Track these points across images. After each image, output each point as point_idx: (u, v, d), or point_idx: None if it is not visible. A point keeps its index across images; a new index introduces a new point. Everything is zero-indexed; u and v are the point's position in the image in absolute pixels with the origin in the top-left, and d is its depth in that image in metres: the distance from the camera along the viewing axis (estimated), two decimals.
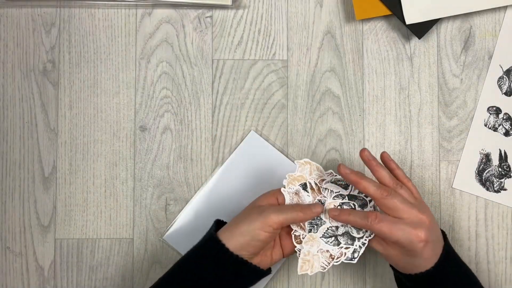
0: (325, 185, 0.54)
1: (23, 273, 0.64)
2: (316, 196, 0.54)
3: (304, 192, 0.54)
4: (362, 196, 0.54)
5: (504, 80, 0.66)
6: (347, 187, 0.54)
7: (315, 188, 0.54)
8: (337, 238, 0.53)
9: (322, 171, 0.55)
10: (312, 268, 0.52)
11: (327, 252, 0.53)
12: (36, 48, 0.65)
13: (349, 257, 0.52)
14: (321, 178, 0.55)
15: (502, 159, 0.65)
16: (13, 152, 0.64)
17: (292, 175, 0.55)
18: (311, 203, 0.54)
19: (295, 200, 0.54)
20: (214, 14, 0.66)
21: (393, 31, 0.66)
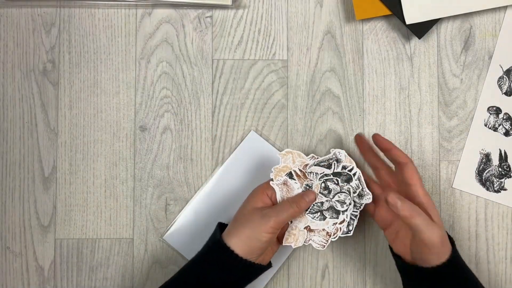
0: (310, 169, 0.56)
1: (23, 273, 0.64)
2: (303, 182, 0.56)
3: (292, 181, 0.56)
4: (346, 172, 0.56)
5: (504, 80, 0.66)
6: (330, 166, 0.56)
7: (300, 174, 0.57)
8: (322, 213, 0.56)
9: (303, 156, 0.57)
10: (296, 241, 0.56)
11: (323, 231, 0.56)
12: (36, 48, 0.65)
13: (344, 231, 0.56)
14: (304, 164, 0.57)
15: (502, 159, 0.65)
16: (13, 152, 0.64)
17: (277, 168, 0.57)
18: (302, 190, 0.56)
19: (284, 190, 0.56)
20: (214, 14, 0.66)
21: (393, 31, 0.66)
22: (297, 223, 0.56)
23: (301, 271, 0.64)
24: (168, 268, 0.64)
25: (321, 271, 0.64)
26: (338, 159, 0.56)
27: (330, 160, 0.56)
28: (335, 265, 0.64)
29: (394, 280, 0.64)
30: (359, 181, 0.56)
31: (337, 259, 0.64)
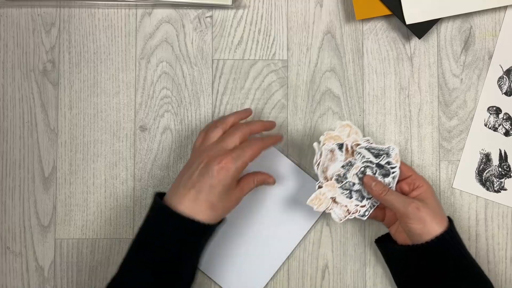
0: (359, 150, 0.58)
1: (23, 273, 0.64)
2: (348, 158, 0.58)
3: (339, 152, 0.58)
4: (389, 167, 0.58)
5: (504, 80, 0.66)
6: (378, 156, 0.58)
7: (349, 150, 0.58)
8: (351, 193, 0.59)
9: (360, 136, 0.59)
10: (319, 206, 0.59)
11: (345, 206, 0.59)
12: (36, 48, 0.65)
13: (361, 214, 0.59)
14: (357, 143, 0.58)
15: (502, 159, 0.65)
16: (13, 152, 0.64)
17: (330, 133, 0.58)
18: (342, 165, 0.58)
19: (329, 157, 0.58)
20: (214, 14, 0.66)
21: (393, 31, 0.66)
22: (326, 190, 0.58)
23: (301, 271, 0.64)
24: None
25: (321, 271, 0.64)
26: (388, 153, 0.58)
27: (381, 151, 0.58)
28: (335, 265, 0.64)
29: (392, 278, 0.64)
30: (393, 180, 0.58)
31: (337, 259, 0.64)
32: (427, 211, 0.54)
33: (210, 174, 0.52)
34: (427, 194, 0.57)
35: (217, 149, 0.54)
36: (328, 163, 0.58)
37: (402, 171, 0.58)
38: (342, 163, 0.58)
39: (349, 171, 0.58)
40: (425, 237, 0.54)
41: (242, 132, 0.55)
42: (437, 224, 0.54)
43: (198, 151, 0.56)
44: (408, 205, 0.54)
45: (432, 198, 0.57)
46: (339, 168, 0.58)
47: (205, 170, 0.52)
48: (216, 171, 0.51)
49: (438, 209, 0.56)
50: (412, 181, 0.58)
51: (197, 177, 0.52)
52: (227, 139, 0.55)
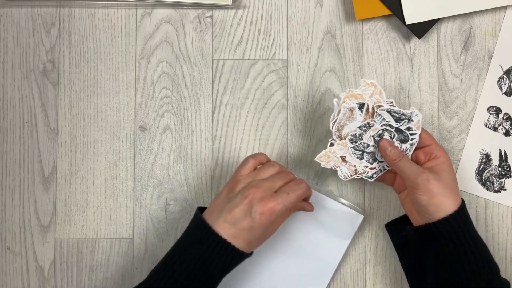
0: (380, 112, 0.56)
1: (23, 273, 0.64)
2: (367, 119, 0.56)
3: (358, 111, 0.56)
4: (408, 133, 0.56)
5: (504, 80, 0.66)
6: (399, 120, 0.56)
7: (370, 111, 0.56)
8: (363, 154, 0.58)
9: (383, 97, 0.56)
10: (327, 163, 0.58)
11: (353, 166, 0.58)
12: (36, 48, 0.65)
13: (368, 175, 0.58)
14: (379, 104, 0.56)
15: (502, 159, 0.65)
16: (13, 152, 0.64)
17: (352, 91, 0.56)
18: (361, 125, 0.57)
19: (347, 116, 0.56)
20: (214, 14, 0.66)
21: (393, 31, 0.66)
22: (337, 149, 0.57)
23: None
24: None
25: None
26: (410, 119, 0.56)
27: (403, 116, 0.56)
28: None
29: (394, 280, 0.64)
30: (410, 147, 0.57)
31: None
32: (438, 184, 0.52)
33: (253, 216, 0.51)
34: (442, 166, 0.54)
35: (264, 187, 0.53)
36: (344, 122, 0.57)
37: (421, 138, 0.56)
38: (360, 124, 0.56)
39: (366, 133, 0.57)
40: (432, 211, 0.52)
41: (290, 177, 0.55)
42: (448, 199, 0.52)
43: (244, 182, 0.54)
44: (418, 175, 0.52)
45: (447, 171, 0.54)
46: (355, 128, 0.57)
47: (248, 210, 0.51)
48: (259, 214, 0.51)
49: (451, 184, 0.54)
50: (430, 150, 0.56)
51: (238, 214, 0.52)
52: (277, 180, 0.54)
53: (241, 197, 0.52)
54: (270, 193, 0.52)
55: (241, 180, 0.54)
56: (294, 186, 0.54)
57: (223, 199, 0.54)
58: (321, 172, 0.65)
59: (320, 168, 0.64)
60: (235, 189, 0.54)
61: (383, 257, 0.64)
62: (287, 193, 0.53)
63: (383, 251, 0.64)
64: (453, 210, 0.52)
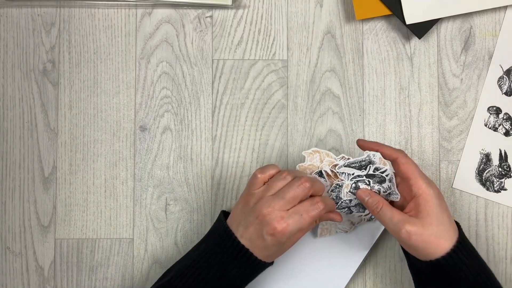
0: (341, 170, 0.56)
1: (23, 273, 0.64)
2: (333, 181, 0.56)
3: (321, 179, 0.56)
4: (379, 173, 0.55)
5: (504, 80, 0.66)
6: (361, 168, 0.55)
7: (331, 174, 0.56)
8: (350, 209, 0.57)
9: (332, 156, 0.56)
10: (330, 232, 0.60)
11: (348, 221, 0.59)
12: (36, 48, 0.65)
13: (368, 219, 0.60)
14: (334, 164, 0.56)
15: (502, 159, 0.65)
16: (13, 152, 0.64)
17: (302, 165, 0.57)
18: (331, 189, 0.56)
19: None
20: (214, 14, 0.66)
21: (393, 31, 0.66)
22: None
23: None
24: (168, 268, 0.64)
25: None
26: (371, 161, 0.55)
27: (362, 162, 0.55)
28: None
29: (394, 281, 0.64)
30: (390, 182, 0.55)
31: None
32: (422, 238, 0.49)
33: (264, 237, 0.50)
34: (426, 206, 0.50)
35: (275, 206, 0.50)
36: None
37: (401, 171, 0.53)
38: (330, 188, 0.56)
39: (341, 192, 0.56)
40: (427, 254, 0.50)
41: (304, 192, 0.51)
42: (441, 239, 0.50)
43: (256, 197, 0.52)
44: (399, 231, 0.50)
45: (434, 211, 0.50)
46: (329, 193, 0.56)
47: (260, 230, 0.50)
48: (270, 236, 0.50)
49: (442, 225, 0.50)
50: (411, 186, 0.52)
51: (252, 233, 0.51)
52: (289, 197, 0.51)
53: (253, 216, 0.51)
54: (281, 213, 0.50)
55: (254, 194, 0.52)
56: (309, 206, 0.51)
57: (239, 212, 0.53)
58: None
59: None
60: (249, 203, 0.52)
61: (383, 257, 0.64)
62: (300, 214, 0.50)
63: (383, 251, 0.64)
64: (450, 248, 0.50)
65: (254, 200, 0.52)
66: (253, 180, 0.53)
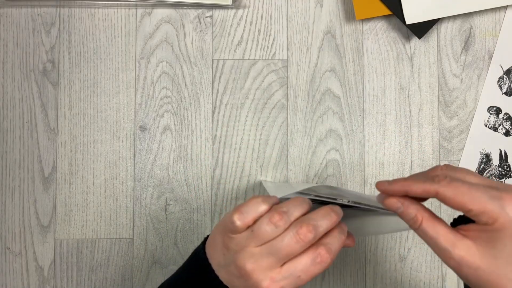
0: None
1: (23, 273, 0.64)
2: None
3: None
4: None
5: (504, 80, 0.66)
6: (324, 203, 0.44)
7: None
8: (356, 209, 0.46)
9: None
10: None
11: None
12: (36, 48, 0.65)
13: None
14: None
15: (503, 159, 0.65)
16: (13, 152, 0.64)
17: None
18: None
19: None
20: (214, 14, 0.66)
21: (393, 31, 0.66)
22: None
23: None
24: (168, 268, 0.64)
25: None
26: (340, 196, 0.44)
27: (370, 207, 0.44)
28: (335, 266, 0.64)
29: (394, 281, 0.64)
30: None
31: (337, 260, 0.64)
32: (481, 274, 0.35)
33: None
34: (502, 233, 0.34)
35: (264, 264, 0.38)
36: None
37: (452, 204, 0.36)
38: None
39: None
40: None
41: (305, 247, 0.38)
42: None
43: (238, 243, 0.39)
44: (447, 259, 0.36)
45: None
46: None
47: (244, 285, 0.39)
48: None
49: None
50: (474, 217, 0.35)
51: (237, 283, 0.40)
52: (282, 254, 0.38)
53: (235, 267, 0.39)
54: (271, 274, 0.38)
55: (233, 239, 0.39)
56: (309, 265, 0.38)
57: (219, 250, 0.41)
58: (321, 172, 0.65)
59: (320, 168, 0.64)
60: (229, 247, 0.40)
61: (383, 257, 0.64)
62: (297, 276, 0.38)
63: (383, 252, 0.64)
64: None
65: (234, 246, 0.40)
66: (230, 226, 0.39)
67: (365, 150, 0.65)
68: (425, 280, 0.64)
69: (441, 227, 0.37)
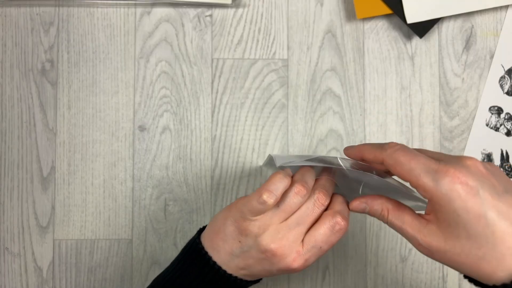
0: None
1: (22, 274, 0.63)
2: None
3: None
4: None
5: (505, 80, 0.66)
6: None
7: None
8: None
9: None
10: None
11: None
12: (34, 47, 0.65)
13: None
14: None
15: (504, 159, 0.65)
16: (12, 152, 0.64)
17: None
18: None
19: None
20: (213, 13, 0.65)
21: (394, 30, 0.66)
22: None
23: (301, 272, 0.64)
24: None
25: (321, 272, 0.64)
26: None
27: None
28: (336, 266, 0.64)
29: (395, 282, 0.64)
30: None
31: (337, 260, 0.64)
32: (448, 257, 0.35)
33: (275, 273, 0.41)
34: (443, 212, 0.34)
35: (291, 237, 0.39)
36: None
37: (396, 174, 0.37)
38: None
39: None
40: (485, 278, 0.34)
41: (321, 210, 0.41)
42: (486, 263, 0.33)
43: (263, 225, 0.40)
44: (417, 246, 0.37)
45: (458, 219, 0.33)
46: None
47: (268, 265, 0.40)
48: (281, 271, 0.41)
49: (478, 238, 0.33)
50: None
51: (257, 268, 0.41)
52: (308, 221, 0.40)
53: (257, 251, 0.40)
54: (297, 247, 0.40)
55: (256, 222, 0.40)
56: (329, 235, 0.40)
57: (233, 239, 0.41)
58: None
59: None
60: (249, 230, 0.40)
61: (384, 258, 0.64)
62: (319, 247, 0.40)
63: (384, 252, 0.64)
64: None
65: (256, 229, 0.40)
66: (259, 206, 0.39)
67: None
68: (426, 281, 0.64)
69: (406, 216, 0.37)
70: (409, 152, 0.36)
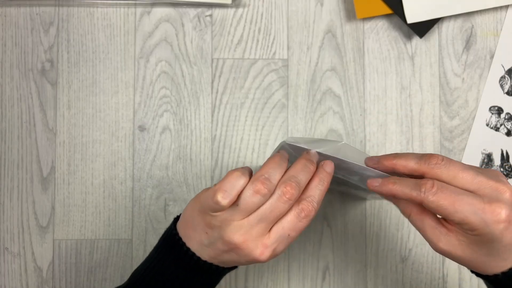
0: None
1: (22, 274, 0.63)
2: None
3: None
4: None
5: (506, 80, 0.66)
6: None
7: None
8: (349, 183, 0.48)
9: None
10: None
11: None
12: (34, 47, 0.65)
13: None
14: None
15: (504, 159, 0.65)
16: (11, 152, 0.64)
17: None
18: None
19: None
20: (213, 13, 0.65)
21: (394, 30, 0.66)
22: None
23: (301, 273, 0.64)
24: None
25: (321, 272, 0.64)
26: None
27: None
28: (336, 267, 0.64)
29: (395, 282, 0.64)
30: None
31: (338, 261, 0.64)
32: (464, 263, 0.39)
33: (243, 262, 0.40)
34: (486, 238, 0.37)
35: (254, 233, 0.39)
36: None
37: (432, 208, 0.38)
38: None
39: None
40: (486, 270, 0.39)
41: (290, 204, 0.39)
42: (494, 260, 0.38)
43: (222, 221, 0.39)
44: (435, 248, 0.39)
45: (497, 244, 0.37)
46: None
47: (236, 256, 0.40)
48: (251, 261, 0.40)
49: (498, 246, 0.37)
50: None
51: (225, 257, 0.41)
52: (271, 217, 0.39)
53: (222, 244, 0.40)
54: (262, 240, 0.39)
55: (216, 217, 0.40)
56: (296, 222, 0.39)
57: (200, 230, 0.41)
58: None
59: None
60: (212, 223, 0.40)
61: (384, 258, 0.64)
62: (287, 235, 0.39)
63: (384, 252, 0.64)
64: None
65: (218, 223, 0.40)
66: (214, 206, 0.39)
67: (366, 150, 0.65)
68: (426, 281, 0.64)
69: (428, 221, 0.39)
70: (450, 194, 0.37)
